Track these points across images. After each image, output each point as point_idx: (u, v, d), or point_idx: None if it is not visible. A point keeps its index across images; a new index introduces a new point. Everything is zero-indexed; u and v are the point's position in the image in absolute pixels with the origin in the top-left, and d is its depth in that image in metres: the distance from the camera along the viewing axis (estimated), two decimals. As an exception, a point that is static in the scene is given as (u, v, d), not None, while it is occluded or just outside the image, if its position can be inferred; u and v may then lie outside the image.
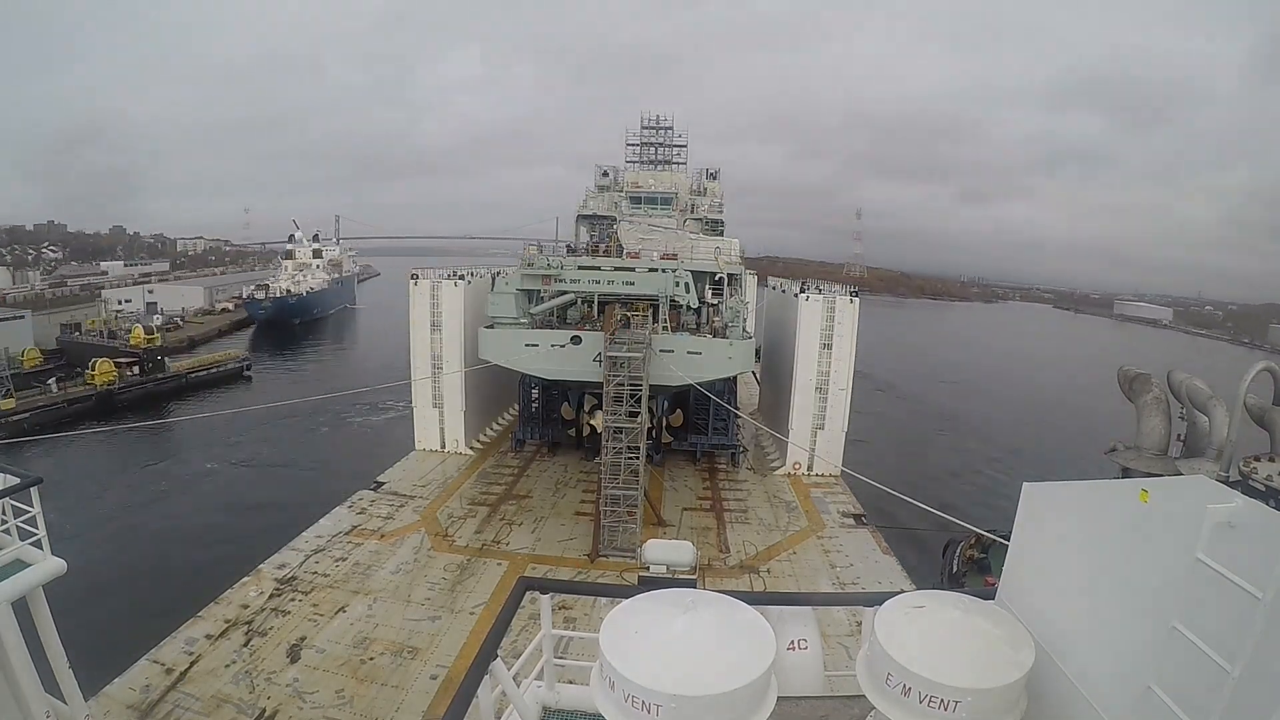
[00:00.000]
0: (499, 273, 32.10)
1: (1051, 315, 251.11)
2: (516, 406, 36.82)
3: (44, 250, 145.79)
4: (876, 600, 4.33)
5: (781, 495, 29.46)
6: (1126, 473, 18.28)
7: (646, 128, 44.23)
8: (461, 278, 32.79)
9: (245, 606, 19.16)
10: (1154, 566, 3.39)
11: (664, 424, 31.94)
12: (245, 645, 17.41)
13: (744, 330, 29.64)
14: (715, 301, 29.94)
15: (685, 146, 44.87)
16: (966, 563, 22.67)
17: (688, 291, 28.26)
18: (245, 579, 20.68)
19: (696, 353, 26.98)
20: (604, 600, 6.12)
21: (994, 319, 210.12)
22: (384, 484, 29.08)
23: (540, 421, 34.41)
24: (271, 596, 19.83)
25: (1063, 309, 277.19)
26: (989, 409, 68.88)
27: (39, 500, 9.16)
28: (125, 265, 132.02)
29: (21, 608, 9.12)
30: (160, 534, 29.85)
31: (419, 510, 26.69)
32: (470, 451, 33.34)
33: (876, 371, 71.78)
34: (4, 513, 9.09)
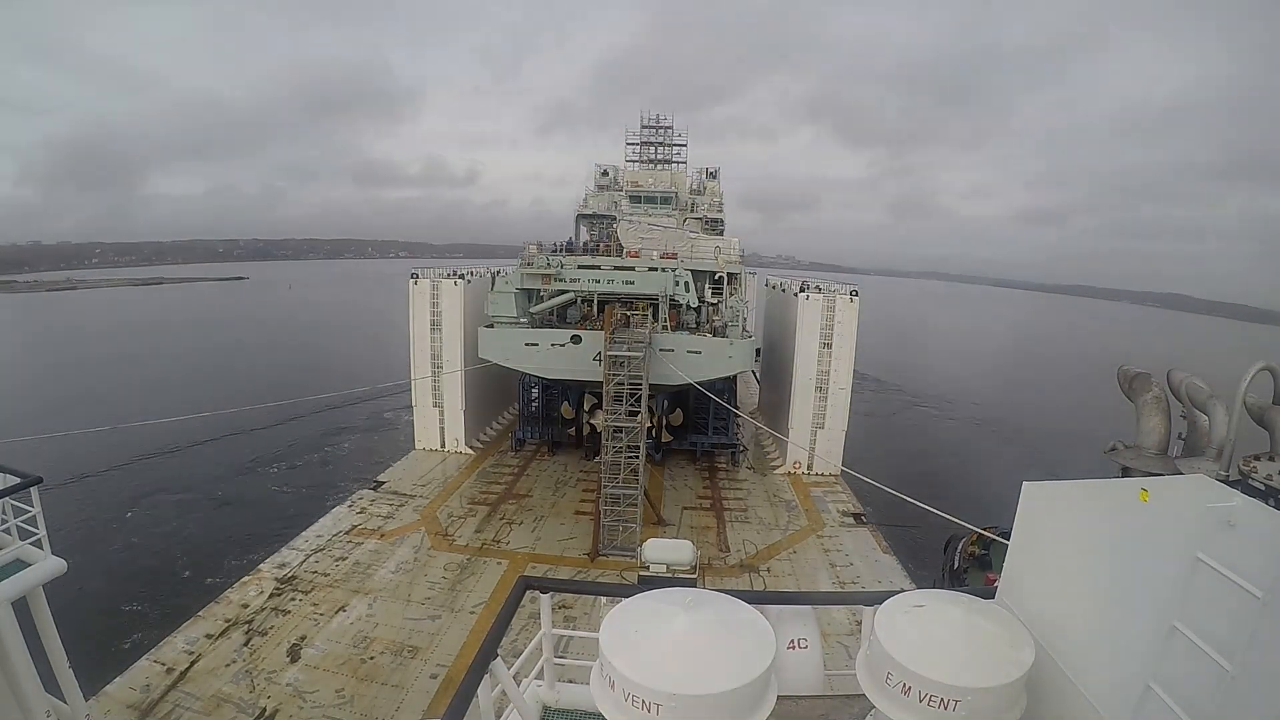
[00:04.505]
0: (498, 272, 32.11)
1: None
2: (516, 406, 36.82)
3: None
4: (876, 599, 4.32)
5: (781, 494, 29.47)
6: (1126, 472, 18.25)
7: (646, 127, 44.12)
8: (461, 277, 32.82)
9: (245, 606, 19.16)
10: (1154, 566, 3.39)
11: (664, 423, 31.95)
12: (245, 644, 17.41)
13: (744, 330, 29.65)
14: (715, 301, 29.94)
15: (685, 145, 44.79)
16: (968, 559, 22.64)
17: (687, 291, 28.28)
18: (245, 578, 20.70)
19: (696, 352, 27.02)
20: (604, 599, 6.12)
21: None
22: (384, 483, 29.09)
23: (540, 421, 34.41)
24: (272, 596, 19.83)
25: None
26: None
27: (39, 500, 9.15)
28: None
29: (22, 608, 9.12)
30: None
31: (419, 509, 26.69)
32: (470, 451, 33.34)
33: None
34: (4, 513, 9.08)
